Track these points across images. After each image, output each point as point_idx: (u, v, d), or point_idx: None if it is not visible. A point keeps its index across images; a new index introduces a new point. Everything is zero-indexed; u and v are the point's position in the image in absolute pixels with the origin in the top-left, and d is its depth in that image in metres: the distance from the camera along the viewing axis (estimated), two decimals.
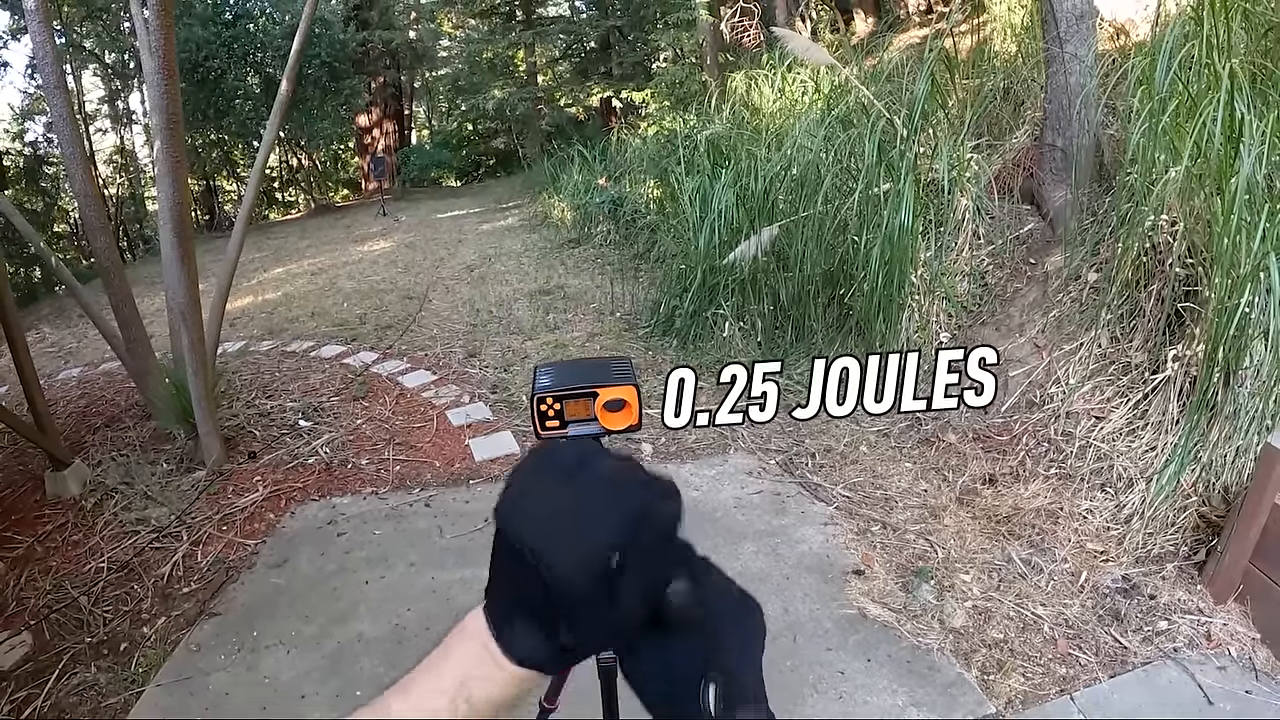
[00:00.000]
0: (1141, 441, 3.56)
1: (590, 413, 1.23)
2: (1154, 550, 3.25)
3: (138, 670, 3.09)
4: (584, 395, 1.23)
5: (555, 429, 1.22)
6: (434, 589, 3.38)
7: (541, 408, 1.22)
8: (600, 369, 1.28)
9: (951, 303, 4.78)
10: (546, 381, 1.26)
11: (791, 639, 2.95)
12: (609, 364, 1.31)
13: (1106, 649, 2.88)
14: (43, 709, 2.94)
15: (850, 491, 3.96)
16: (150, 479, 4.51)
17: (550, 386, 1.24)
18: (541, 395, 1.22)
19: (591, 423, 1.23)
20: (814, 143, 5.65)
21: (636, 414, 1.24)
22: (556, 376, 1.27)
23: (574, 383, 1.24)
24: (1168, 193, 3.59)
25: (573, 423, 1.23)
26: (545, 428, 1.23)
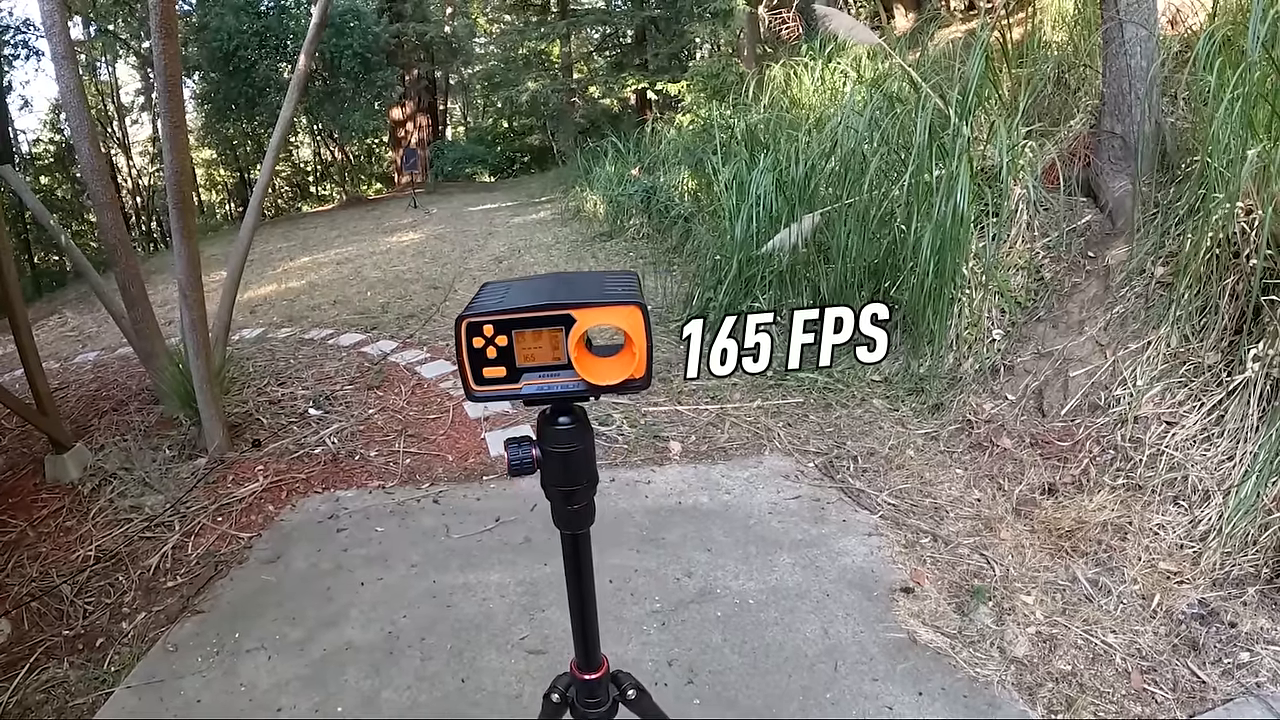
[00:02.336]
0: (1218, 450, 3.24)
1: (560, 355, 0.78)
2: (1233, 572, 2.92)
3: (110, 669, 2.88)
4: (549, 321, 0.77)
5: (498, 383, 0.79)
6: (434, 594, 3.11)
7: (475, 341, 0.77)
8: (582, 282, 0.84)
9: (1005, 297, 4.46)
10: (490, 299, 0.81)
11: (832, 667, 2.64)
12: (600, 277, 0.87)
13: (1184, 684, 2.56)
14: (8, 705, 2.75)
15: (896, 499, 3.65)
16: (150, 465, 4.35)
17: (495, 307, 0.78)
18: (476, 319, 0.77)
19: (563, 372, 0.79)
20: (860, 124, 5.35)
21: (643, 357, 0.79)
22: (509, 292, 0.83)
23: (532, 300, 0.78)
24: (1244, 178, 3.28)
25: (529, 371, 0.79)
26: (482, 379, 0.79)
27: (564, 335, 0.78)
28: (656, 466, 4.05)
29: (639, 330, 0.78)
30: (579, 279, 0.86)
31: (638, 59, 19.70)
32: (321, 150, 23.39)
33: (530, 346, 0.78)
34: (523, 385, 0.79)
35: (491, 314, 0.76)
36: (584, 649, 1.28)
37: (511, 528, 3.58)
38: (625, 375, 0.82)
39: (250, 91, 15.67)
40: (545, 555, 3.31)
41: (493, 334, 0.77)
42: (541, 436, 0.88)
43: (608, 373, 0.82)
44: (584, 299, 0.78)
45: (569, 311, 0.76)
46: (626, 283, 0.84)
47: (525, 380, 0.79)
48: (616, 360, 0.79)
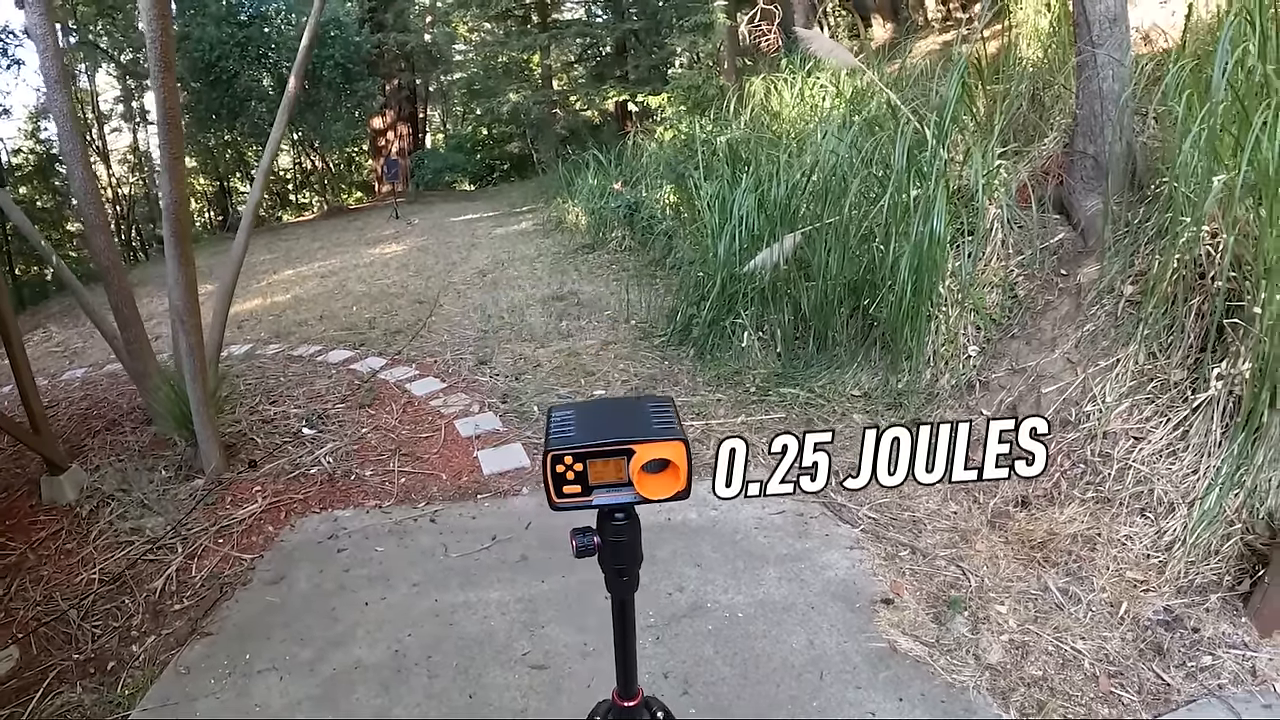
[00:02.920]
0: (1183, 464, 3.37)
1: (623, 476, 0.98)
2: (1197, 580, 3.07)
3: (123, 693, 2.95)
4: (615, 453, 0.97)
5: (575, 496, 0.98)
6: (437, 612, 3.21)
7: (558, 468, 0.97)
8: (636, 416, 1.03)
9: (981, 315, 4.61)
10: (566, 431, 1.00)
11: (818, 676, 2.77)
12: (645, 408, 1.06)
13: (1150, 687, 2.71)
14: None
15: (876, 513, 3.78)
16: (147, 486, 4.40)
17: (571, 439, 0.98)
18: (558, 452, 0.97)
19: (624, 489, 0.99)
20: (840, 147, 5.48)
21: (685, 477, 0.98)
22: (579, 425, 1.02)
23: (602, 436, 0.98)
24: (1210, 202, 3.42)
25: (600, 489, 0.98)
26: (562, 494, 0.98)
27: (626, 462, 0.97)
28: None
29: (682, 459, 0.98)
30: (630, 410, 1.05)
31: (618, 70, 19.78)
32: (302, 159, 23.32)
33: (600, 471, 0.97)
34: (594, 498, 0.98)
35: (571, 448, 0.95)
36: (624, 679, 1.44)
37: (508, 546, 3.68)
38: (673, 490, 1.03)
39: (232, 102, 15.64)
40: (542, 573, 3.42)
41: (571, 462, 0.95)
42: (601, 529, 1.08)
43: (659, 489, 1.02)
44: (641, 435, 0.98)
45: (630, 445, 0.95)
46: (668, 415, 1.02)
47: (596, 494, 0.98)
48: (664, 479, 0.97)
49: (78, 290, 4.83)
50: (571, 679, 2.80)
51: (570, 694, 2.74)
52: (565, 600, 3.23)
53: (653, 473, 1.00)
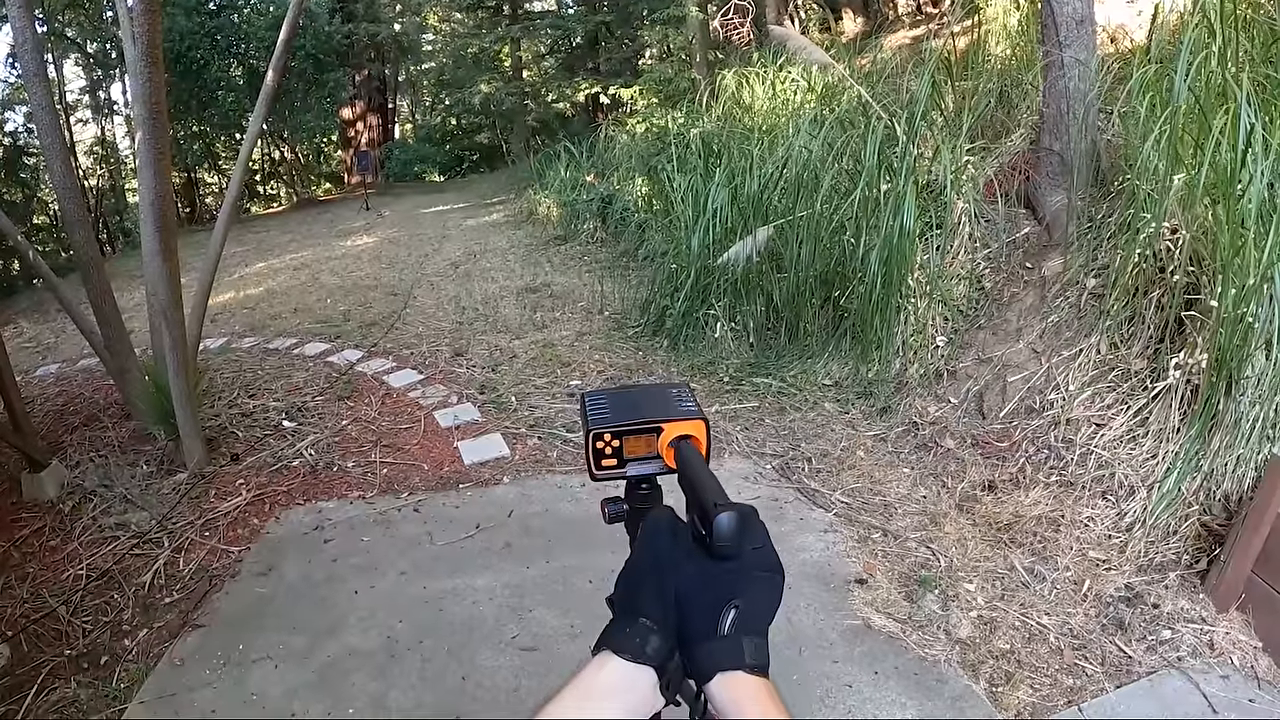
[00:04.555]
0: (1142, 449, 3.52)
1: (653, 449, 1.10)
2: (1156, 559, 3.22)
3: (119, 686, 2.98)
4: (647, 431, 1.10)
5: (612, 468, 1.09)
6: (425, 599, 3.29)
7: (599, 444, 1.09)
8: (662, 400, 1.15)
9: (949, 306, 4.73)
10: (603, 414, 1.12)
11: (797, 651, 2.89)
12: (669, 393, 1.16)
13: (1112, 659, 2.85)
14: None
15: (849, 498, 3.90)
16: (130, 481, 4.40)
17: (608, 420, 1.11)
18: (598, 430, 1.09)
19: (653, 461, 1.10)
20: (813, 143, 5.58)
21: (704, 450, 1.11)
22: (614, 408, 1.14)
23: (635, 417, 1.11)
24: (1170, 200, 3.55)
25: (632, 461, 1.10)
26: (601, 467, 1.10)
27: (656, 438, 1.09)
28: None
29: (703, 435, 1.08)
30: (656, 394, 1.15)
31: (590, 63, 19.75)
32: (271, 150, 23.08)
33: (633, 446, 1.10)
34: (628, 469, 1.10)
35: (610, 426, 1.09)
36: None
37: (492, 534, 3.76)
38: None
39: (201, 92, 15.46)
40: (526, 559, 3.51)
41: (610, 439, 1.08)
42: (629, 497, 1.16)
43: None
44: (669, 415, 1.09)
45: (659, 424, 1.08)
46: (690, 398, 1.13)
47: (630, 466, 1.10)
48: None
49: (56, 286, 4.78)
50: (561, 660, 2.89)
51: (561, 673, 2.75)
52: (550, 585, 3.32)
53: (676, 447, 1.10)
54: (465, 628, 3.11)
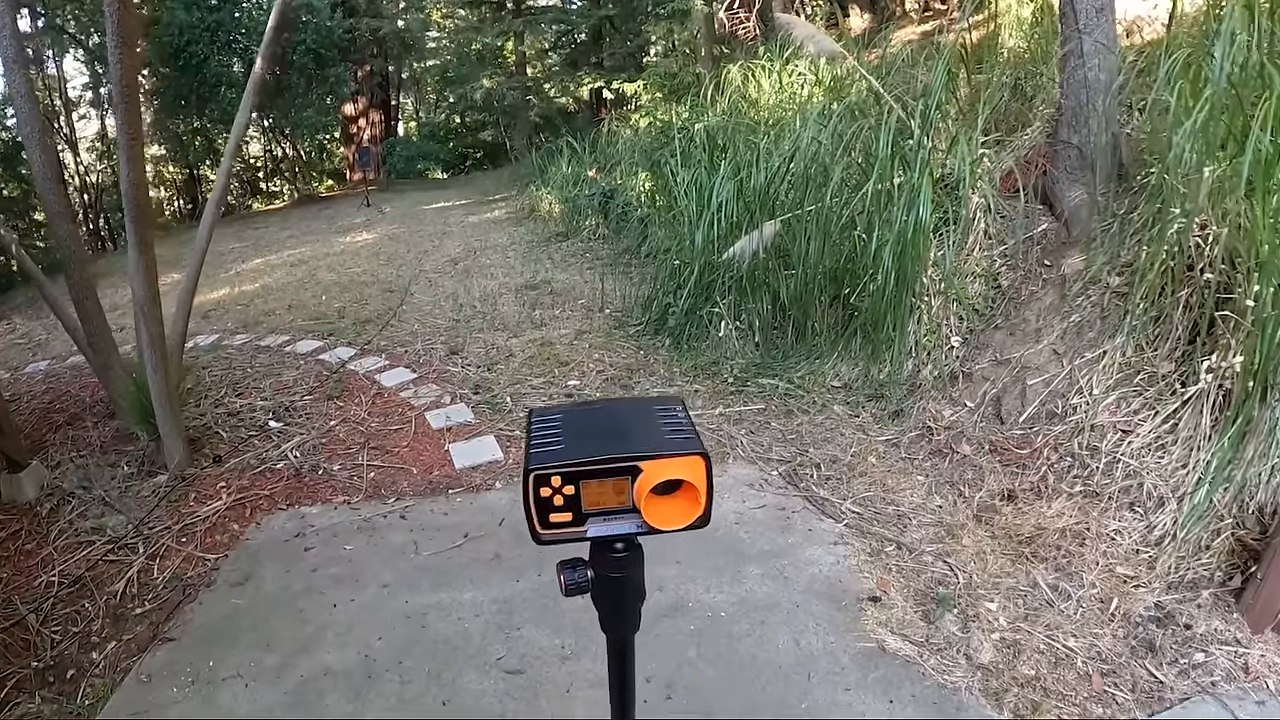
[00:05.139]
0: (1172, 458, 3.32)
1: (625, 501, 0.76)
2: (1187, 576, 3.02)
3: (84, 703, 2.83)
4: (617, 472, 0.75)
5: (565, 526, 0.76)
6: (408, 614, 3.10)
7: (543, 491, 0.75)
8: (641, 424, 0.80)
9: (964, 305, 4.54)
10: (552, 445, 0.77)
11: (805, 677, 2.69)
12: (652, 412, 0.82)
13: (1143, 685, 2.66)
14: None
15: (860, 507, 3.70)
16: (109, 483, 4.26)
17: (560, 456, 0.76)
18: (543, 471, 0.75)
19: (627, 517, 0.76)
20: (822, 134, 5.40)
21: (704, 500, 0.78)
22: (569, 435, 0.79)
23: (600, 450, 0.76)
24: (1200, 194, 3.36)
25: (595, 517, 0.76)
26: (548, 524, 0.76)
27: (630, 484, 0.76)
28: None
29: (702, 479, 0.77)
30: (633, 416, 0.82)
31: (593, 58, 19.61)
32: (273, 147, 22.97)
33: (596, 494, 0.76)
34: (588, 528, 0.77)
35: (560, 466, 0.74)
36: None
37: (481, 543, 3.57)
38: (689, 519, 0.80)
39: (201, 88, 15.35)
40: (516, 571, 3.32)
41: (560, 484, 0.75)
42: (595, 561, 0.86)
43: (671, 517, 0.80)
44: (649, 449, 0.76)
45: (637, 464, 0.74)
46: (682, 421, 0.80)
47: (590, 523, 0.77)
48: (678, 503, 0.76)
49: (39, 280, 4.66)
50: (550, 683, 2.70)
51: (549, 699, 2.64)
52: (541, 601, 3.12)
53: (663, 495, 0.78)
54: (448, 647, 2.92)
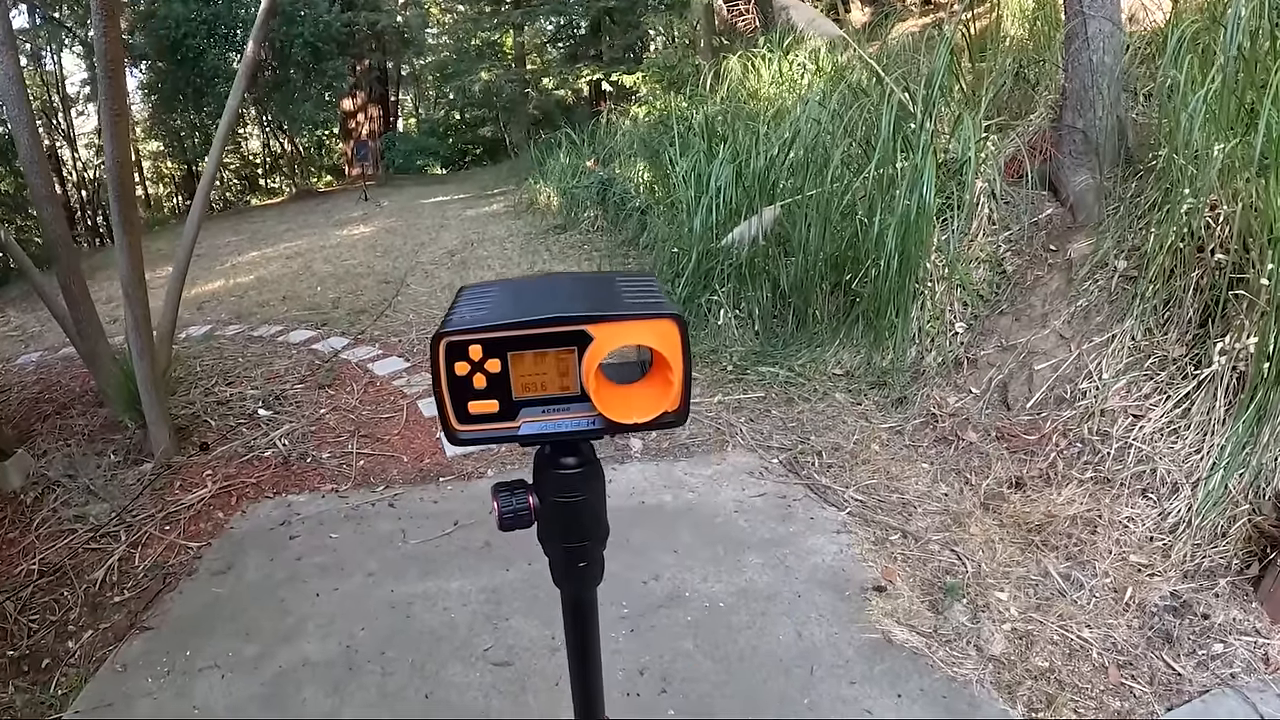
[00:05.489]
0: (1185, 443, 3.23)
1: (571, 383, 0.60)
2: (1204, 564, 2.92)
3: (57, 692, 2.74)
4: (557, 339, 0.59)
5: (489, 420, 0.60)
6: (393, 604, 3.00)
7: (458, 367, 0.59)
8: (594, 288, 0.66)
9: (968, 290, 4.44)
10: (476, 310, 0.62)
11: (808, 670, 2.58)
12: (614, 280, 0.67)
13: (1161, 677, 2.55)
14: None
15: (863, 495, 3.60)
16: (95, 471, 4.17)
17: (480, 320, 0.60)
18: (459, 337, 0.59)
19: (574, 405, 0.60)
20: (821, 116, 5.30)
21: (680, 386, 0.61)
22: (499, 301, 0.63)
23: (534, 311, 0.60)
24: (1210, 174, 3.27)
25: (530, 405, 0.60)
26: (467, 416, 0.60)
27: (576, 359, 0.60)
28: (617, 465, 3.97)
29: (675, 351, 0.61)
30: (588, 282, 0.67)
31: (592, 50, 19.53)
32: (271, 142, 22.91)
33: (531, 373, 0.60)
34: (520, 423, 0.61)
35: (480, 330, 0.58)
36: (585, 706, 1.04)
37: (470, 531, 3.47)
38: (659, 410, 0.64)
39: (198, 81, 15.30)
40: (506, 560, 3.22)
41: (481, 357, 0.59)
42: (540, 482, 0.71)
43: (635, 407, 0.63)
44: (603, 310, 0.60)
45: (584, 328, 0.58)
46: (648, 287, 0.65)
47: (524, 416, 0.61)
48: (644, 389, 0.63)
49: (27, 268, 4.59)
50: (538, 676, 2.60)
51: (536, 693, 2.54)
52: (531, 590, 3.02)
53: (622, 381, 0.63)
54: (433, 637, 2.82)
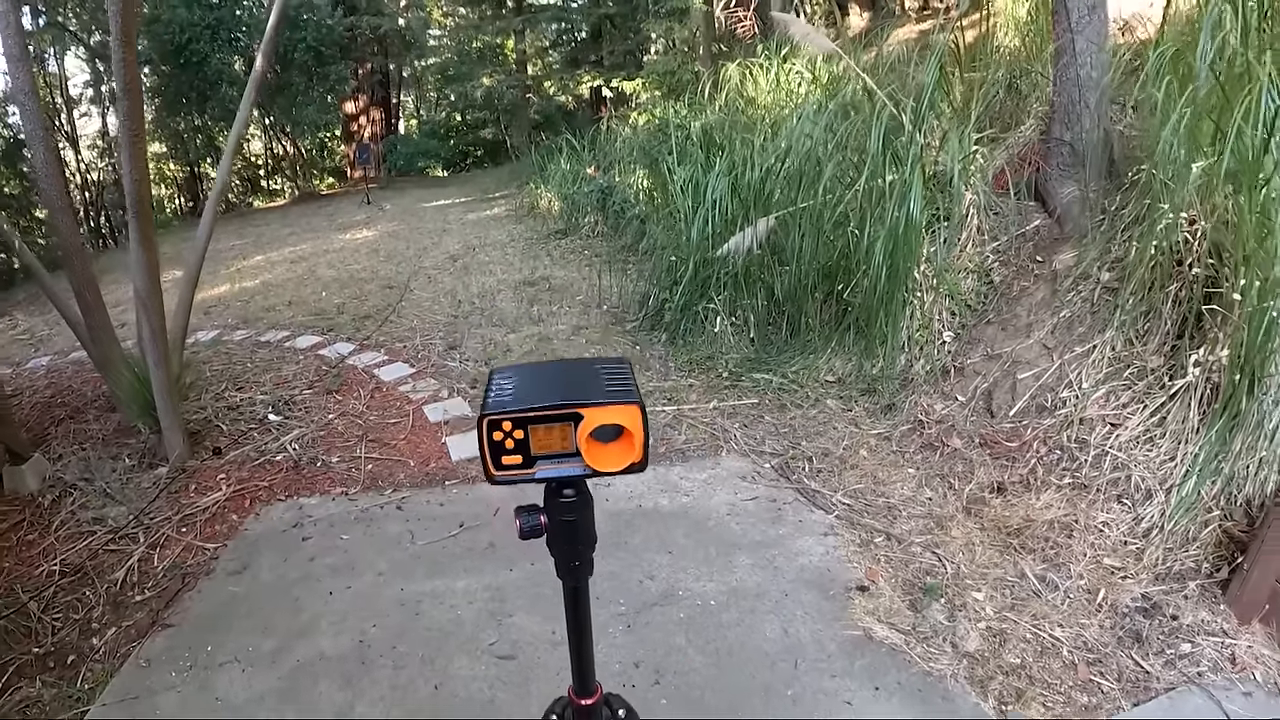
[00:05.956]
0: (1160, 450, 3.36)
1: (570, 445, 0.87)
2: (1175, 567, 3.06)
3: (83, 687, 2.87)
4: (560, 418, 0.86)
5: (515, 469, 0.87)
6: (402, 601, 3.15)
7: (495, 435, 0.86)
8: (585, 378, 0.92)
9: (956, 300, 4.58)
10: (505, 395, 0.90)
11: (792, 665, 2.73)
12: (596, 370, 0.94)
13: (1129, 674, 2.69)
14: None
15: (850, 499, 3.74)
16: (110, 475, 4.30)
17: (509, 404, 0.88)
18: (496, 417, 0.87)
19: (571, 460, 0.87)
20: (814, 131, 5.44)
21: (640, 446, 0.87)
22: (520, 387, 0.91)
23: (545, 399, 0.87)
24: (1188, 190, 3.40)
25: (543, 459, 0.87)
26: (501, 466, 0.87)
27: (573, 429, 0.86)
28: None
29: (638, 425, 0.86)
30: (579, 372, 0.92)
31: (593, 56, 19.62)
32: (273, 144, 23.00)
33: (543, 439, 0.85)
34: (536, 470, 0.86)
35: (509, 412, 0.83)
36: (580, 677, 1.31)
37: (475, 533, 3.61)
38: (626, 462, 0.90)
39: (202, 85, 15.35)
40: (510, 560, 3.36)
41: (510, 429, 0.85)
42: (549, 507, 0.95)
43: (611, 460, 0.89)
44: (590, 398, 0.85)
45: (578, 410, 0.84)
46: (623, 377, 0.90)
47: (539, 466, 0.87)
48: (618, 448, 0.86)
49: (40, 275, 4.71)
50: (540, 669, 2.75)
51: (539, 684, 2.68)
52: (534, 588, 3.17)
53: (603, 441, 0.89)
54: (441, 633, 2.96)
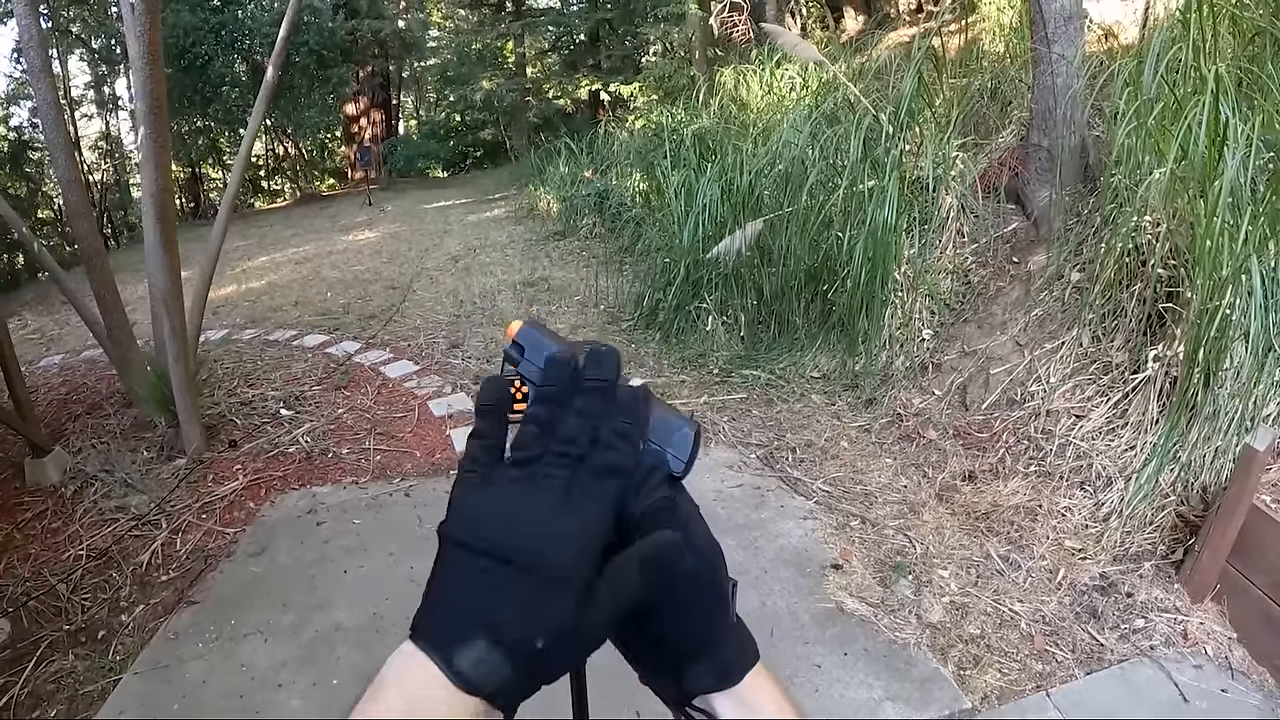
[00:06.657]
0: (1121, 440, 3.57)
1: None
2: (1132, 549, 3.26)
3: (115, 658, 3.08)
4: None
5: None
6: (413, 578, 3.34)
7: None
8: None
9: (934, 299, 4.79)
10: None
11: (768, 633, 2.95)
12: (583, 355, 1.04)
13: (1083, 646, 2.90)
14: (20, 696, 2.92)
15: (830, 486, 3.97)
16: (130, 467, 4.48)
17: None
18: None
19: None
20: (800, 138, 5.64)
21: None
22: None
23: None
24: (1151, 194, 3.60)
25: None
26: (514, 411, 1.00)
27: None
28: None
29: None
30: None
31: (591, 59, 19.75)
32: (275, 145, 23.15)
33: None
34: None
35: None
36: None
37: None
38: None
39: (205, 87, 15.51)
40: None
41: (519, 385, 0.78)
42: None
43: None
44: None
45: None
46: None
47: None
48: None
49: (60, 277, 4.86)
50: None
51: None
52: None
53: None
54: None
